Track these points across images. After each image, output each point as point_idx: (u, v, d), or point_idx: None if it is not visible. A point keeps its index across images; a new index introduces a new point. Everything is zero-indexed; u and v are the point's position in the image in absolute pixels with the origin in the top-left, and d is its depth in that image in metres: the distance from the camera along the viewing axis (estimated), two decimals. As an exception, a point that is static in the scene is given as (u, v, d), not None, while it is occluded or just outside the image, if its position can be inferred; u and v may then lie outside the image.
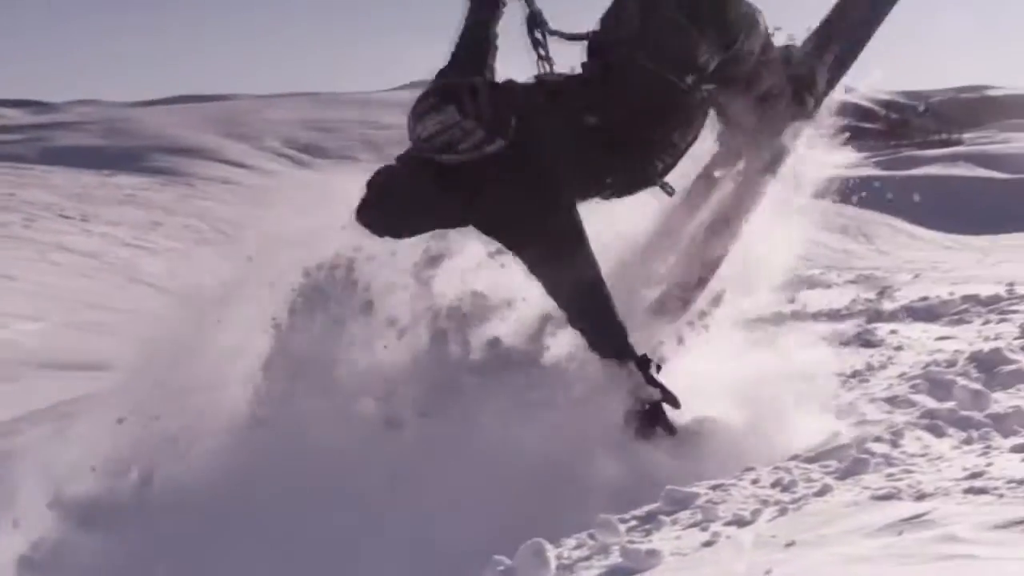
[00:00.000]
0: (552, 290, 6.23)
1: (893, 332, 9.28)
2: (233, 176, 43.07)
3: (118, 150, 45.83)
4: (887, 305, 11.18)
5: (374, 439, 6.51)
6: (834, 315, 10.66)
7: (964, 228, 35.19)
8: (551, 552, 4.51)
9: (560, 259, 6.05)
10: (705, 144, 6.93)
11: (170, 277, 21.22)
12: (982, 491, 4.33)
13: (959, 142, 71.63)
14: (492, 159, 5.86)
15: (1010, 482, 4.36)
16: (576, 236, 6.08)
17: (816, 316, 10.51)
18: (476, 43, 6.49)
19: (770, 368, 7.36)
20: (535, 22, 6.46)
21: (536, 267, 6.22)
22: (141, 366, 8.04)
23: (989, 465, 4.83)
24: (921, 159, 57.55)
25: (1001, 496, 4.22)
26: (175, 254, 24.87)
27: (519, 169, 5.92)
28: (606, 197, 6.48)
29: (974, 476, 4.58)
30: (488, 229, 6.31)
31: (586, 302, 6.17)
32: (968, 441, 5.60)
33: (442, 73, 6.45)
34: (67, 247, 24.98)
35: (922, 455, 5.35)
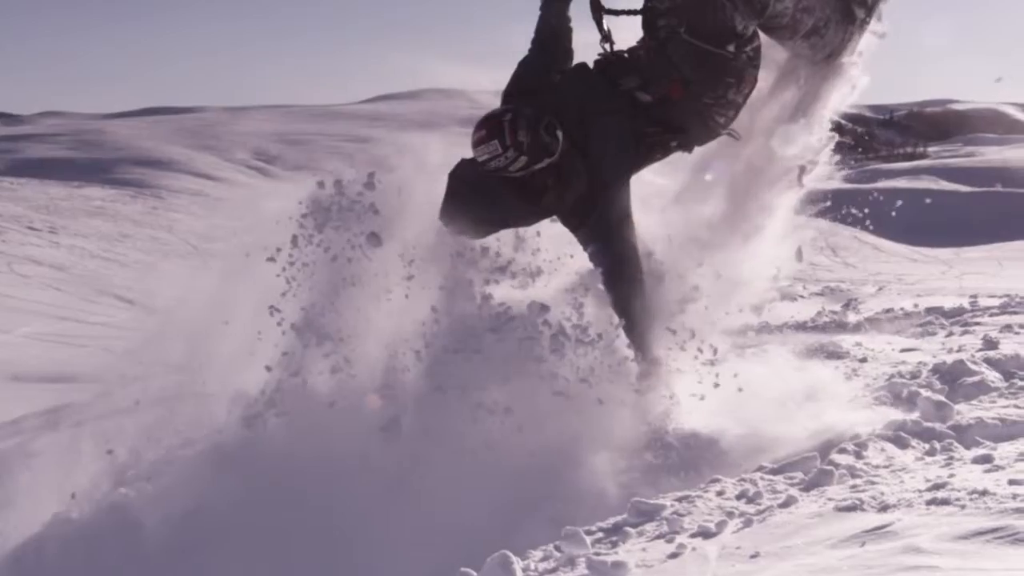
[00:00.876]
0: (598, 269, 6.59)
1: (858, 344, 9.35)
2: (202, 188, 42.91)
3: (87, 162, 45.59)
4: (852, 317, 11.27)
5: (366, 446, 6.49)
6: (800, 327, 10.73)
7: (929, 241, 35.36)
8: (517, 564, 4.53)
9: (608, 237, 6.49)
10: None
11: (139, 289, 21.13)
12: (944, 502, 4.38)
13: (924, 155, 72.08)
14: (546, 170, 6.36)
15: (972, 493, 4.40)
16: (624, 215, 6.52)
17: (782, 328, 10.56)
18: (552, 30, 6.81)
19: (736, 379, 7.44)
20: (597, 5, 6.81)
21: (588, 244, 6.60)
22: (121, 378, 8.01)
23: (951, 476, 4.88)
24: (887, 172, 57.89)
25: (963, 507, 4.26)
26: (143, 266, 24.77)
27: (572, 172, 6.42)
28: (679, 151, 6.88)
29: (936, 487, 4.62)
30: (556, 217, 6.78)
31: (621, 281, 6.52)
32: (931, 452, 5.66)
33: (522, 64, 6.81)
34: (35, 259, 24.83)
35: (886, 466, 5.41)
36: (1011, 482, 4.52)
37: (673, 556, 4.47)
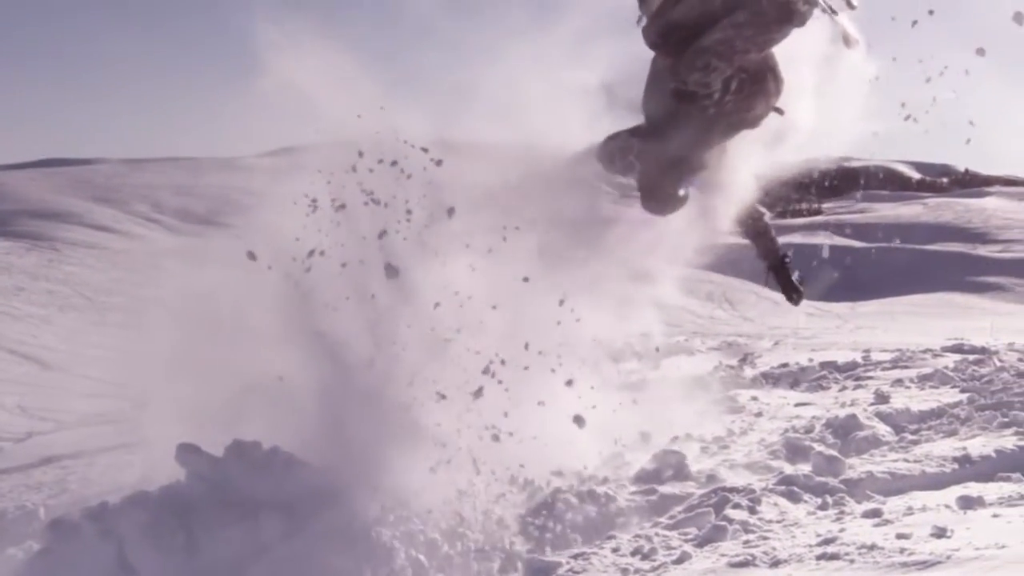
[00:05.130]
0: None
1: (754, 398, 9.49)
2: (100, 241, 42.17)
3: (-20, 214, 44.69)
4: (749, 372, 11.42)
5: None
6: (697, 382, 10.82)
7: (825, 295, 35.87)
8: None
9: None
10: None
11: (33, 343, 20.70)
12: (834, 557, 4.46)
13: (819, 212, 73.38)
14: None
15: (861, 548, 4.49)
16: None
17: (680, 382, 10.65)
18: None
19: (634, 434, 7.51)
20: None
21: None
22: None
23: (842, 531, 4.97)
24: (783, 228, 58.81)
25: (852, 562, 4.34)
26: (38, 320, 24.22)
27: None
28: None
29: (827, 542, 4.71)
30: None
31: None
32: (823, 507, 5.75)
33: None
34: (-76, 313, 24.20)
35: (779, 521, 5.48)
36: (899, 536, 4.62)
37: (568, 614, 4.48)
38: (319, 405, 6.88)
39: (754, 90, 6.91)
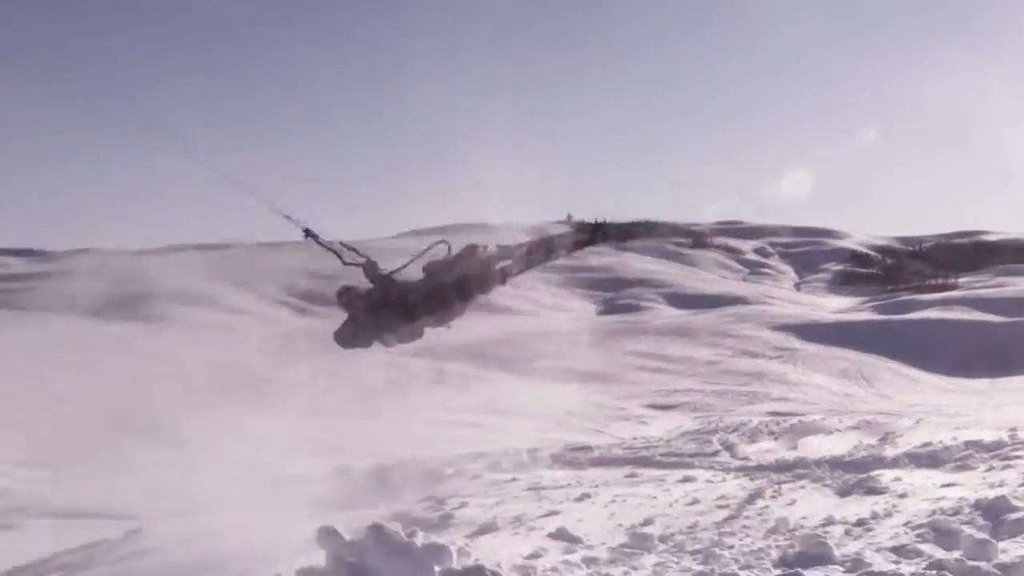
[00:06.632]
0: None
1: (897, 479, 9.18)
2: (232, 322, 43.03)
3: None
4: (890, 451, 11.09)
5: None
6: (837, 462, 10.58)
7: (963, 371, 34.90)
8: None
9: None
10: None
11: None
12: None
13: (955, 286, 71.93)
14: None
15: (1022, 636, 4.29)
16: None
17: (819, 463, 10.43)
18: None
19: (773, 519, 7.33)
20: None
21: None
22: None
23: (1001, 618, 4.77)
24: (918, 303, 57.61)
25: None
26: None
27: None
28: None
29: (986, 630, 4.51)
30: None
31: None
32: (977, 593, 5.54)
33: None
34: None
35: (930, 609, 5.29)
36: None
37: None
38: None
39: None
